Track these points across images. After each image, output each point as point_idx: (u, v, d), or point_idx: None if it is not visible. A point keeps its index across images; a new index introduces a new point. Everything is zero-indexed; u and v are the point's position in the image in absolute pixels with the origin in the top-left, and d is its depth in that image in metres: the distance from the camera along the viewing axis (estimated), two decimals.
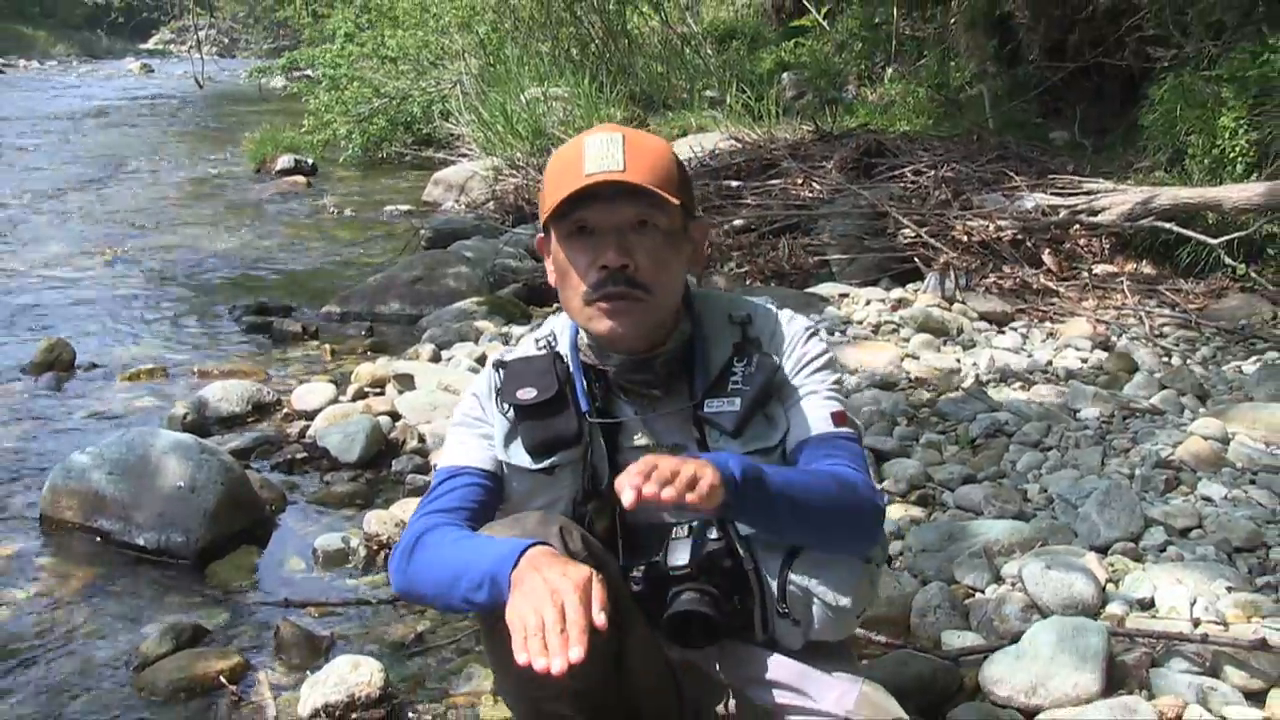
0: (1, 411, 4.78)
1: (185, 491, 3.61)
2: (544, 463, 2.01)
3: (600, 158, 1.87)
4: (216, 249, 8.16)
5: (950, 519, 3.52)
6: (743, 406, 1.96)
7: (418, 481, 4.03)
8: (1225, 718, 2.50)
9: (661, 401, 2.03)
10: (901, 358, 4.97)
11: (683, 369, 2.03)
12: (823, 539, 1.95)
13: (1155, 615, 2.90)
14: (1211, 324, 5.43)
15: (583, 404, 2.03)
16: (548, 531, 1.85)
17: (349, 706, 2.70)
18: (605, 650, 1.90)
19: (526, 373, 2.05)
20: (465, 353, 5.25)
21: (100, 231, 8.70)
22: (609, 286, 1.89)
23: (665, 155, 1.95)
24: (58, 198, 10.11)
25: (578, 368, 2.05)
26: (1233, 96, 5.96)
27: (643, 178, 1.86)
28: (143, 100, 22.00)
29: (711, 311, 2.09)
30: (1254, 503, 3.49)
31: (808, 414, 2.02)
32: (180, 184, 11.26)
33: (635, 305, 1.91)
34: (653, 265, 1.90)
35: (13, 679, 2.91)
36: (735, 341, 2.04)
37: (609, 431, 2.03)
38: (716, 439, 1.98)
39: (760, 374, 1.98)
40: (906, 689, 2.55)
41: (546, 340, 2.12)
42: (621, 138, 1.89)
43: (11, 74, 29.09)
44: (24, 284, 6.99)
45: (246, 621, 3.21)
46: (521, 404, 2.01)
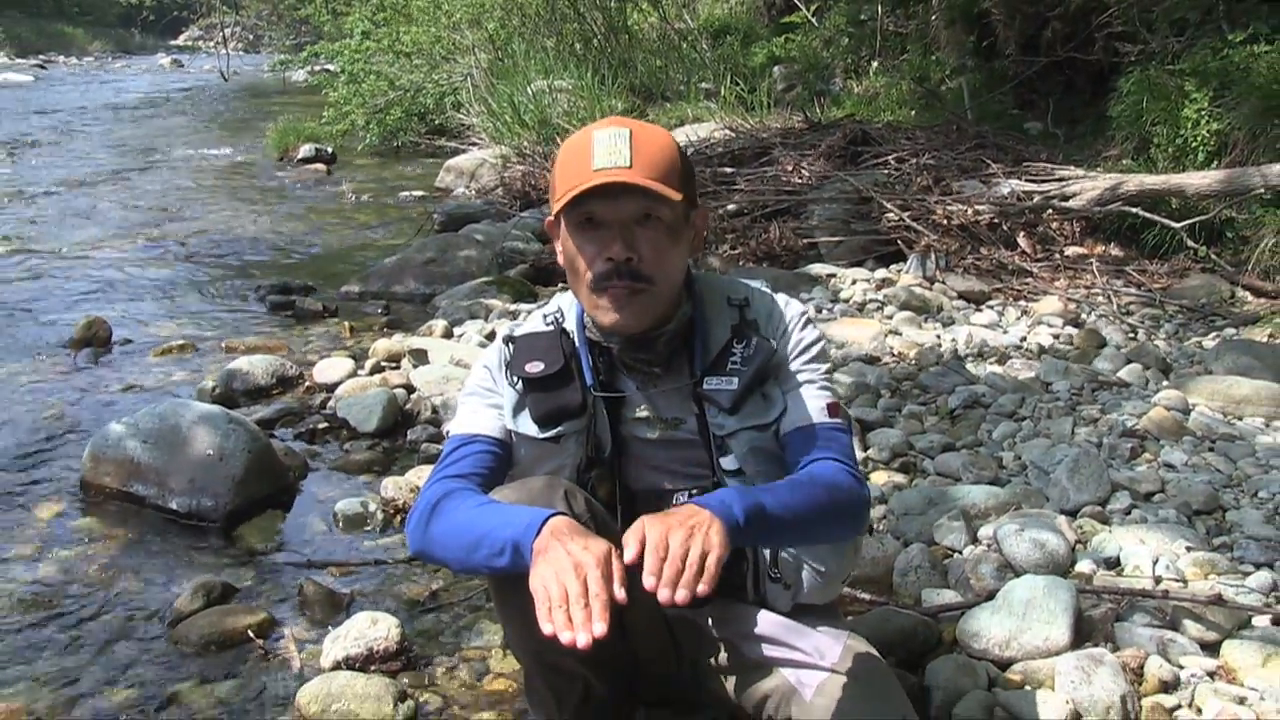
0: (44, 384, 4.79)
1: (214, 459, 3.61)
2: (550, 432, 2.02)
3: (608, 153, 1.86)
4: (242, 232, 8.15)
5: (930, 485, 3.53)
6: (740, 385, 1.98)
7: (431, 450, 4.03)
8: (1183, 667, 2.52)
9: (662, 378, 2.04)
10: (885, 334, 4.97)
11: (683, 347, 2.04)
12: (816, 541, 2.00)
13: (1120, 573, 2.92)
14: (1174, 302, 5.44)
15: (588, 378, 2.04)
16: (553, 495, 1.85)
17: (368, 659, 2.71)
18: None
19: (535, 347, 2.05)
20: (475, 329, 5.25)
21: (134, 216, 8.69)
22: (614, 279, 1.89)
23: (669, 149, 1.93)
24: (95, 184, 10.09)
25: (583, 344, 2.06)
26: (1195, 89, 5.97)
27: (647, 174, 1.85)
28: (173, 93, 21.93)
29: (711, 293, 2.09)
30: (1212, 469, 3.51)
31: (804, 403, 2.02)
32: (208, 171, 11.23)
33: (638, 295, 1.91)
34: (656, 257, 1.90)
35: (57, 632, 2.93)
36: (733, 323, 2.05)
37: (611, 404, 2.04)
38: (715, 414, 2.00)
39: (758, 355, 1.99)
40: (889, 643, 2.57)
41: (554, 316, 2.12)
42: (629, 133, 1.88)
43: (53, 69, 28.99)
44: (64, 265, 6.98)
45: (272, 580, 3.21)
46: (530, 377, 2.02)
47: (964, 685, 2.46)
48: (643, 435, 2.06)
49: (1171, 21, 6.70)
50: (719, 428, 2.00)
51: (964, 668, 2.52)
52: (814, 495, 1.89)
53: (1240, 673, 2.49)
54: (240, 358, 4.86)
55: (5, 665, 2.79)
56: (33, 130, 14.10)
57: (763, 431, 2.00)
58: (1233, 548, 3.02)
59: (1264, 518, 3.18)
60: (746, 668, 2.05)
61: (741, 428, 1.99)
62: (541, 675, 2.05)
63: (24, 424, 4.33)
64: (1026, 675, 2.52)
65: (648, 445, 2.06)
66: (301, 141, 11.94)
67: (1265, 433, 3.83)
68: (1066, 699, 2.39)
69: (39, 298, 6.19)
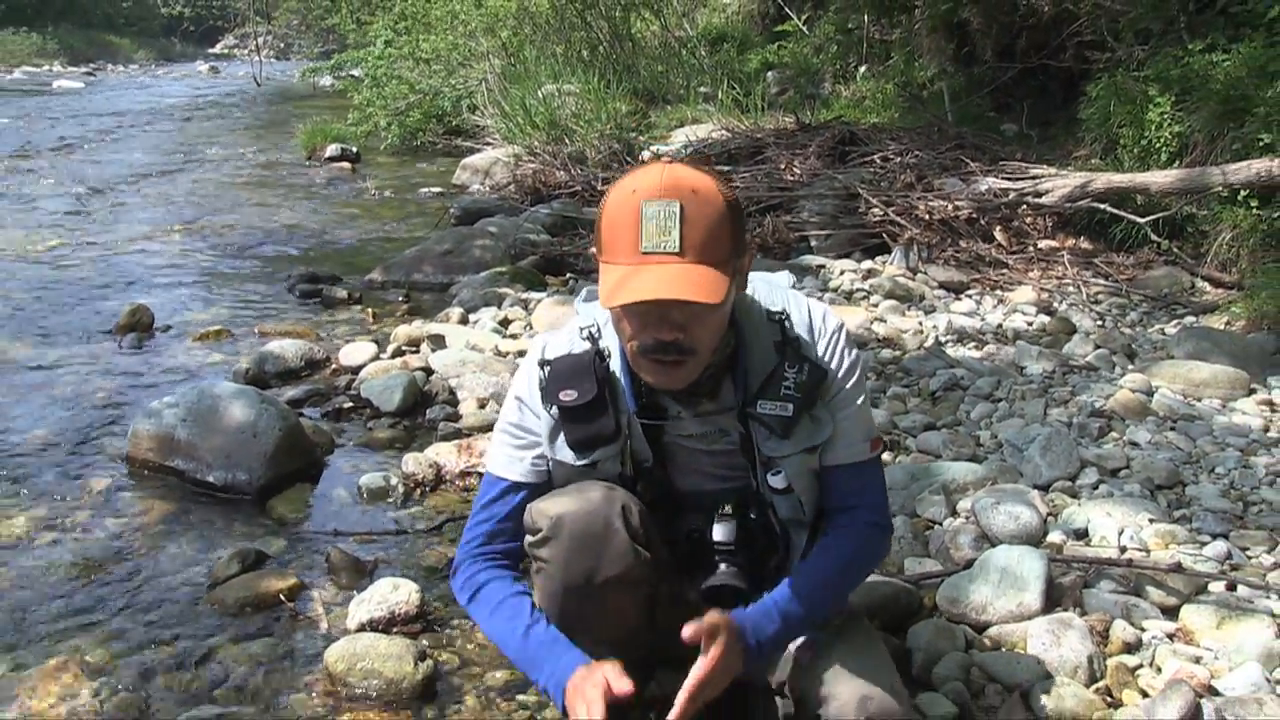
0: (92, 367, 4.78)
1: (248, 436, 3.61)
2: (586, 459, 1.94)
3: (658, 231, 1.68)
4: (273, 226, 8.13)
5: (913, 461, 3.53)
6: (794, 412, 1.89)
7: (448, 428, 4.04)
8: (1144, 630, 2.53)
9: (707, 403, 1.95)
10: (871, 321, 4.96)
11: (727, 373, 1.94)
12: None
13: (1088, 543, 2.93)
14: (1139, 292, 5.44)
15: (630, 402, 1.94)
16: (610, 508, 1.86)
17: (390, 621, 2.72)
18: (642, 607, 1.96)
19: (569, 373, 1.93)
20: (489, 315, 5.25)
21: (174, 211, 8.67)
22: (656, 354, 1.77)
23: (719, 218, 1.74)
24: (138, 182, 10.07)
25: (625, 370, 1.94)
26: (1158, 94, 5.97)
27: (698, 256, 1.69)
28: (210, 97, 21.89)
29: (749, 315, 1.95)
30: (1173, 446, 3.52)
31: (849, 439, 1.96)
32: (241, 169, 11.21)
33: (683, 365, 1.80)
34: (702, 332, 1.77)
35: (105, 594, 2.94)
36: (776, 340, 1.93)
37: (652, 421, 1.97)
38: (766, 437, 1.91)
39: (810, 380, 1.90)
40: (874, 608, 2.58)
41: (590, 333, 1.98)
42: (679, 210, 1.69)
43: (102, 76, 28.95)
44: (111, 256, 6.97)
45: (301, 548, 3.22)
46: (564, 405, 1.92)
47: (943, 647, 2.47)
48: (688, 446, 1.99)
49: (1136, 31, 6.70)
50: (772, 450, 1.92)
51: (943, 631, 2.53)
52: (831, 584, 1.96)
53: (1197, 634, 2.51)
54: (272, 342, 4.86)
55: (62, 622, 2.80)
56: (83, 132, 14.08)
57: (812, 454, 1.95)
58: (1191, 520, 3.03)
59: (1220, 492, 3.19)
60: None
61: (795, 452, 1.92)
62: None
63: (75, 404, 4.33)
64: (1001, 638, 2.53)
65: (692, 454, 1.99)
66: (328, 142, 11.90)
67: (1222, 413, 3.83)
68: (1038, 659, 2.41)
69: (88, 287, 6.18)
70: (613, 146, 9.31)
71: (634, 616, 1.96)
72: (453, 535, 3.25)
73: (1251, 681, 2.29)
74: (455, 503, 3.49)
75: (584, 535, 1.84)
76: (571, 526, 1.84)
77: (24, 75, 26.64)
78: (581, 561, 1.84)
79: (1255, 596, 2.60)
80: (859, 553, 1.98)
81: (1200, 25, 6.19)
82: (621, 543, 1.86)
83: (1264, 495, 3.18)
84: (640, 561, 1.88)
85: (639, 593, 1.93)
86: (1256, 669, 2.33)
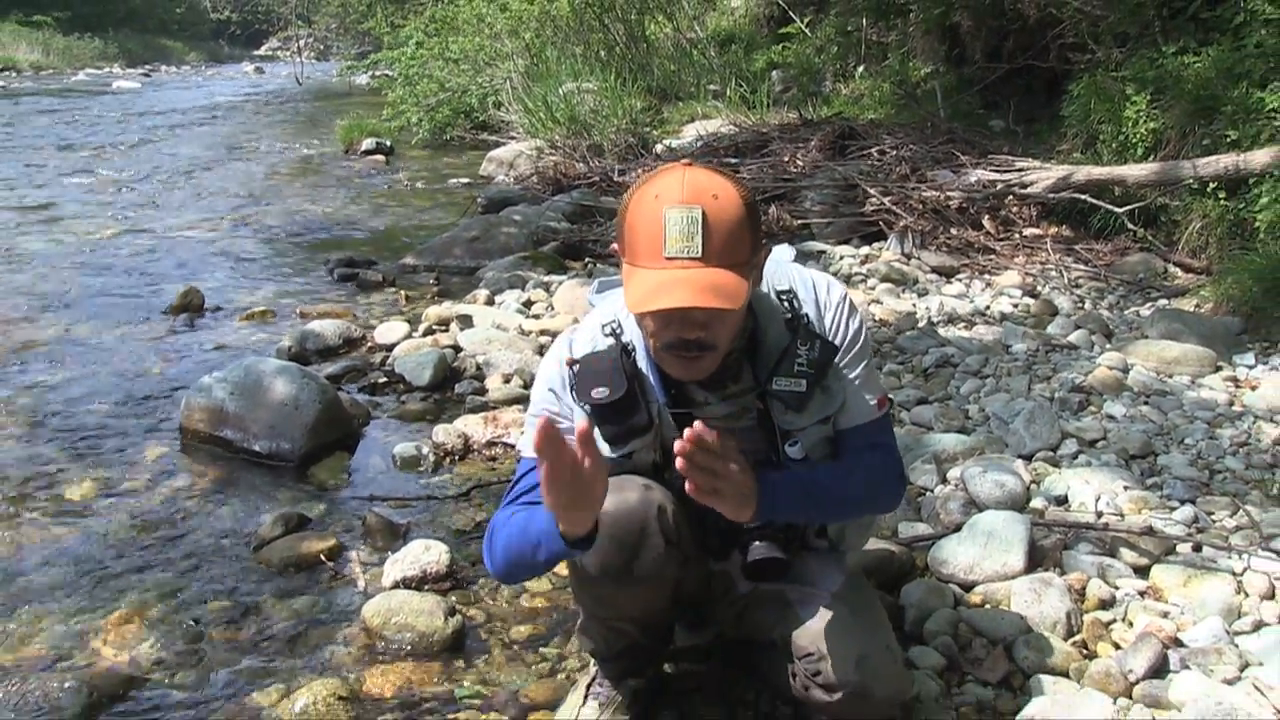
0: (149, 344, 4.81)
1: (290, 408, 3.62)
2: (621, 451, 1.91)
3: (681, 237, 1.65)
4: (313, 214, 8.13)
5: (907, 433, 3.52)
6: (808, 387, 1.87)
7: (476, 402, 4.04)
8: (1118, 588, 2.54)
9: (729, 385, 1.92)
10: (869, 303, 4.94)
11: (746, 355, 1.91)
12: (848, 518, 2.06)
13: (1068, 509, 2.92)
14: (1116, 277, 5.40)
15: (658, 393, 1.91)
16: (647, 510, 1.83)
17: (421, 580, 2.73)
18: (670, 595, 1.97)
19: (597, 371, 1.88)
20: (514, 297, 5.24)
21: (223, 201, 8.68)
22: (681, 349, 1.74)
23: (740, 220, 1.71)
24: (190, 174, 10.08)
25: (650, 362, 1.91)
26: (1135, 93, 5.94)
27: (719, 260, 1.66)
28: (255, 96, 21.89)
29: (761, 297, 1.92)
30: (1147, 419, 3.50)
31: (859, 401, 1.95)
32: (284, 162, 11.21)
33: (704, 360, 1.77)
34: (723, 329, 1.74)
35: (160, 554, 2.96)
36: (786, 317, 1.91)
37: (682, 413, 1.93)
38: (782, 411, 1.89)
39: (822, 356, 1.88)
40: (871, 569, 2.59)
41: (612, 328, 1.93)
42: (701, 215, 1.65)
43: (157, 77, 28.98)
44: (165, 243, 6.98)
45: (340, 512, 3.23)
46: (596, 402, 1.88)
47: (934, 604, 2.47)
48: (714, 427, 1.87)
49: (1115, 35, 6.67)
50: (788, 423, 1.90)
51: (934, 589, 2.53)
52: (852, 489, 1.94)
53: (1166, 592, 2.52)
54: (313, 322, 4.88)
55: (123, 578, 2.82)
56: (140, 129, 14.10)
57: (826, 423, 1.93)
58: (1162, 487, 3.03)
59: (1188, 461, 3.19)
60: (768, 598, 2.03)
61: (810, 423, 1.91)
62: (598, 626, 2.06)
63: (133, 378, 4.35)
64: (987, 596, 2.53)
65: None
66: (364, 136, 11.88)
67: (1191, 389, 3.81)
68: (1021, 615, 2.41)
69: (144, 271, 6.20)
70: (628, 140, 9.28)
71: (662, 602, 1.97)
72: (479, 500, 3.26)
73: (1213, 634, 2.31)
74: (482, 470, 3.50)
75: (621, 538, 1.81)
76: (609, 529, 1.77)
77: (87, 77, 26.65)
78: (617, 561, 1.82)
79: (1218, 557, 2.61)
80: (875, 475, 1.96)
81: (1173, 30, 6.17)
82: (656, 545, 1.83)
83: (1228, 464, 3.18)
84: (672, 561, 1.87)
85: (668, 586, 1.93)
86: (1218, 622, 2.34)
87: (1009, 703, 2.18)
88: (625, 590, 1.85)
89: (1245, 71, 5.39)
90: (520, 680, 2.36)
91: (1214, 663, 2.20)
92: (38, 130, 13.53)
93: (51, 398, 4.12)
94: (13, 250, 6.65)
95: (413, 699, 2.30)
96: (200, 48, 46.24)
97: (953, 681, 2.26)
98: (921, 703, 2.16)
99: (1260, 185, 4.87)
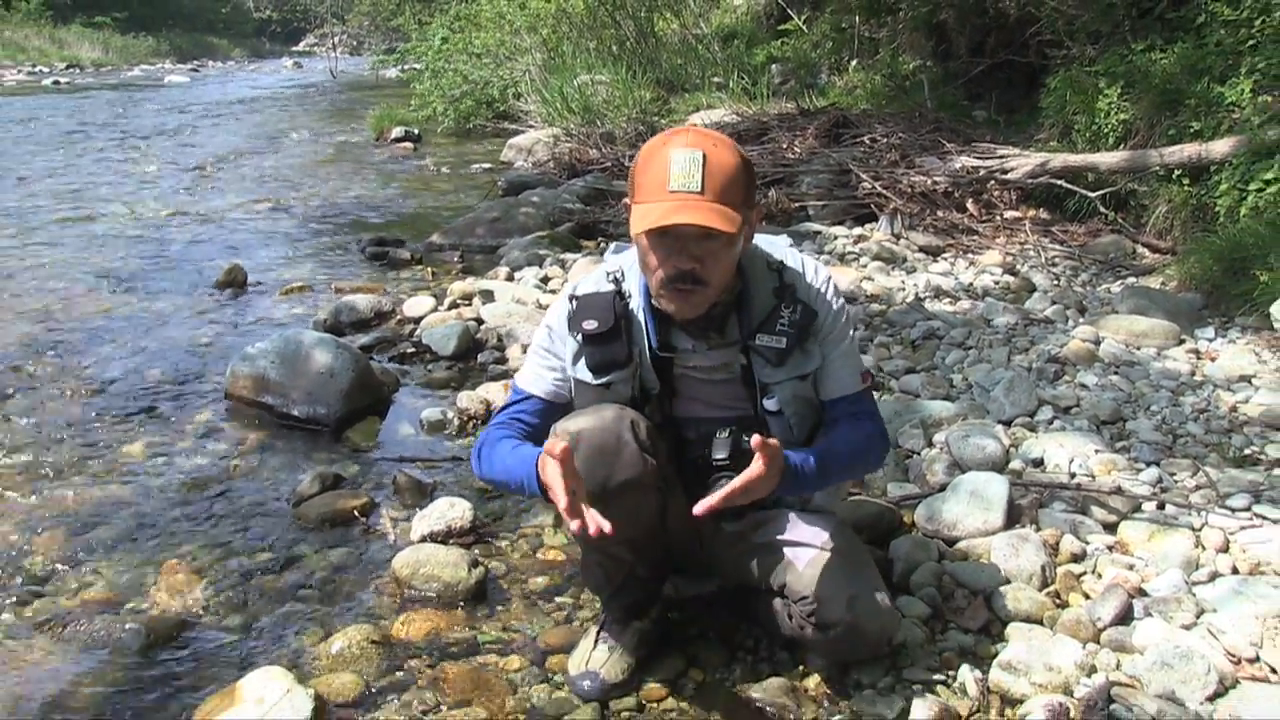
0: (197, 318, 4.81)
1: (327, 376, 3.62)
2: (602, 379, 1.97)
3: (683, 174, 1.74)
4: (347, 197, 8.10)
5: (896, 400, 3.50)
6: (787, 344, 1.92)
7: (497, 370, 4.03)
8: (1089, 543, 2.54)
9: (715, 337, 1.97)
10: (861, 279, 4.90)
11: (733, 312, 1.96)
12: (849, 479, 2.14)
13: (1044, 470, 2.92)
14: (1089, 256, 5.36)
15: (652, 338, 1.96)
16: (621, 424, 1.87)
17: (446, 534, 2.73)
18: (654, 511, 1.97)
19: (592, 306, 1.97)
20: (532, 273, 5.21)
21: (263, 185, 8.65)
22: (678, 283, 1.81)
23: (735, 169, 1.79)
24: (235, 160, 10.06)
25: (647, 308, 1.96)
26: (1107, 86, 5.89)
27: (716, 197, 1.74)
28: (293, 88, 21.79)
29: (754, 262, 1.98)
30: (1116, 388, 3.48)
31: (843, 373, 1.99)
32: (319, 149, 11.17)
33: (697, 295, 1.84)
34: (714, 265, 1.81)
35: (208, 509, 2.97)
36: (774, 286, 1.96)
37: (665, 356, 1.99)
38: (762, 366, 1.95)
39: (803, 319, 1.93)
40: (861, 525, 2.58)
41: (615, 276, 2.02)
42: (702, 157, 1.75)
43: (204, 71, 28.92)
44: (211, 223, 6.98)
45: (372, 472, 3.23)
46: (586, 333, 1.95)
47: (920, 558, 2.47)
48: (694, 377, 2.01)
49: (1089, 32, 6.63)
50: (767, 376, 1.95)
51: (920, 544, 2.53)
52: (854, 460, 2.03)
53: (1131, 546, 2.52)
54: (346, 296, 4.86)
55: (174, 530, 2.84)
56: (189, 119, 14.07)
57: (803, 380, 1.97)
58: (1130, 450, 3.01)
59: (1154, 427, 3.17)
60: (754, 548, 2.04)
61: (787, 378, 1.95)
62: (598, 559, 2.08)
63: (182, 348, 4.36)
64: (969, 550, 2.52)
65: (697, 384, 2.01)
66: (394, 125, 11.80)
67: (1157, 360, 3.78)
68: (999, 568, 2.41)
69: (192, 250, 6.19)
70: (638, 128, 9.25)
71: (648, 517, 1.97)
72: None
73: (1173, 584, 2.32)
74: None
75: (600, 446, 1.86)
76: (588, 440, 1.85)
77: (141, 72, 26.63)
78: (599, 469, 1.85)
79: (1180, 514, 2.61)
80: (869, 438, 2.02)
81: (1141, 28, 6.15)
82: (632, 453, 1.87)
83: (1189, 429, 3.16)
84: (649, 469, 1.89)
85: (650, 496, 1.94)
86: (1178, 574, 2.35)
87: (988, 648, 2.18)
88: (611, 504, 1.82)
89: (1207, 68, 5.38)
90: (537, 626, 2.37)
91: (1173, 610, 2.21)
92: (98, 120, 13.50)
93: (111, 366, 4.13)
94: (77, 231, 6.65)
95: (439, 643, 2.31)
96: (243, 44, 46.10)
97: (936, 629, 2.27)
98: (908, 648, 2.16)
99: (1220, 173, 4.87)
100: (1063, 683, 2.03)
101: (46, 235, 6.51)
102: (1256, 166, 4.63)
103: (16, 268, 5.66)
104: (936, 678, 2.10)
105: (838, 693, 2.07)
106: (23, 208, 7.43)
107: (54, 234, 6.55)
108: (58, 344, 4.37)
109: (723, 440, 1.88)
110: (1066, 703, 1.97)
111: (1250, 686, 1.98)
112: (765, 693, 2.07)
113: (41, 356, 4.21)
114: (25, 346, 4.32)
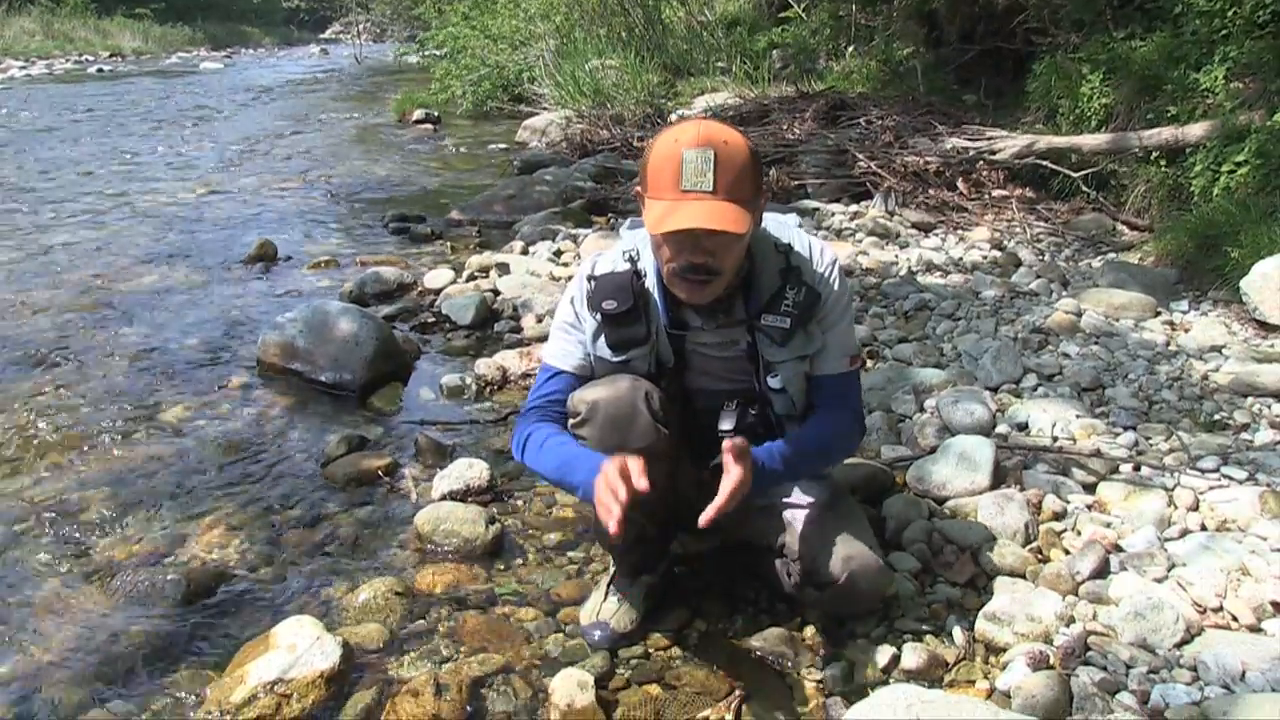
0: (230, 289, 4.79)
1: (351, 344, 3.60)
2: (621, 357, 1.94)
3: (695, 173, 1.70)
4: (371, 176, 8.04)
5: (890, 367, 3.48)
6: (792, 325, 1.89)
7: (512, 339, 4.02)
8: (1069, 502, 2.53)
9: (723, 315, 1.94)
10: (857, 254, 4.86)
11: (741, 292, 1.93)
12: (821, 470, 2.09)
13: (1028, 434, 2.90)
14: (1072, 233, 5.30)
15: (663, 316, 1.94)
16: (635, 395, 1.86)
17: (465, 493, 2.73)
18: (665, 477, 1.94)
19: (611, 286, 1.94)
20: (546, 248, 5.17)
21: (292, 164, 8.60)
22: (690, 274, 1.78)
23: (745, 164, 1.75)
24: (265, 141, 9.99)
25: (659, 286, 1.93)
26: (1089, 72, 5.83)
27: (727, 194, 1.70)
28: (321, 74, 21.62)
29: (762, 244, 1.94)
30: (1097, 357, 3.46)
31: (833, 354, 1.96)
32: (345, 130, 11.09)
33: (709, 284, 1.80)
34: (726, 256, 1.77)
35: (241, 469, 2.97)
36: (781, 268, 1.92)
37: (677, 332, 1.97)
38: (767, 344, 1.92)
39: (807, 301, 1.89)
40: (856, 485, 2.58)
41: (631, 255, 1.97)
42: (713, 156, 1.70)
43: (237, 59, 28.61)
44: (244, 201, 6.94)
45: (395, 434, 3.22)
46: (606, 312, 1.92)
47: (911, 516, 2.46)
48: (703, 352, 1.99)
49: (1072, 21, 6.55)
50: (771, 354, 1.92)
51: (911, 503, 2.52)
52: (823, 454, 2.01)
53: (1109, 505, 2.51)
54: (370, 269, 4.83)
55: (210, 489, 2.84)
56: (223, 103, 13.97)
57: (804, 360, 1.94)
58: (1108, 415, 3.00)
59: (1131, 394, 3.15)
60: (755, 510, 2.03)
61: (790, 357, 1.92)
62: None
63: (216, 318, 4.34)
64: (957, 509, 2.52)
65: (706, 359, 1.99)
66: (415, 107, 11.71)
67: (1135, 331, 3.75)
68: (985, 525, 2.40)
69: (226, 226, 6.16)
70: (646, 111, 9.19)
71: (659, 482, 1.95)
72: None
73: (1147, 540, 2.31)
74: (518, 399, 3.47)
75: (615, 416, 1.85)
76: (605, 409, 1.85)
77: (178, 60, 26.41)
78: (613, 437, 1.84)
79: (1155, 476, 2.59)
80: (839, 432, 1.99)
81: (1122, 17, 6.08)
82: (645, 422, 1.86)
83: (1164, 396, 3.14)
84: (661, 438, 1.88)
85: (661, 463, 1.91)
86: (1151, 531, 2.34)
87: (974, 600, 2.18)
88: None
89: (1183, 55, 5.33)
90: (551, 580, 2.37)
91: (1147, 565, 2.21)
92: (139, 106, 13.42)
93: (152, 335, 4.11)
94: (119, 209, 6.62)
95: (458, 595, 2.31)
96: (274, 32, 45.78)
97: (926, 582, 2.26)
98: (899, 600, 2.16)
99: (1195, 155, 4.85)
100: (1043, 632, 2.04)
101: (91, 213, 6.48)
102: (1229, 149, 4.61)
103: (66, 242, 5.65)
104: (926, 628, 2.10)
105: (833, 642, 2.07)
106: (69, 187, 7.41)
107: (98, 212, 6.53)
108: (103, 316, 4.36)
109: (730, 411, 1.88)
110: (1047, 651, 1.97)
111: (1214, 634, 1.99)
112: (765, 642, 2.07)
113: (88, 328, 4.20)
114: (73, 318, 4.31)
